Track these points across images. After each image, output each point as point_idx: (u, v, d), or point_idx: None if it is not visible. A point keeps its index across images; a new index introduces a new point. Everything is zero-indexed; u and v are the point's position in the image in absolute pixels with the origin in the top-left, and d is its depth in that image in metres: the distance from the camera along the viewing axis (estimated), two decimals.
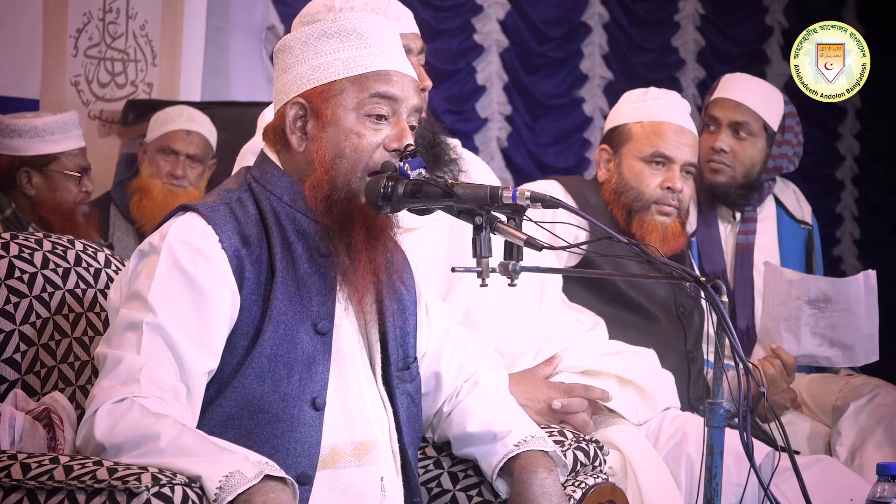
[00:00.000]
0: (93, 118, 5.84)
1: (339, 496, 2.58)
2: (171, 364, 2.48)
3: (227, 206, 2.60)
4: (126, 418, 2.40)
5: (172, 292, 2.52)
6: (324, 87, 2.61)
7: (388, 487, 2.64)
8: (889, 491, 2.58)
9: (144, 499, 2.27)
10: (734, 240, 4.50)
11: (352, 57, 2.61)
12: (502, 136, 7.47)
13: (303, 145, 2.63)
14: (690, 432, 3.61)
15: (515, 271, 2.54)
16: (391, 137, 2.61)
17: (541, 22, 7.60)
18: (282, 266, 2.57)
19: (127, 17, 5.92)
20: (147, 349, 2.47)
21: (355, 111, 2.60)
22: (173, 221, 2.59)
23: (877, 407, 4.22)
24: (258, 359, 2.54)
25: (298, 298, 2.57)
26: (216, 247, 2.55)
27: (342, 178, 2.59)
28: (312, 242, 2.61)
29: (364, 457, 2.62)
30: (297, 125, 2.63)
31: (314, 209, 2.60)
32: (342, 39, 2.62)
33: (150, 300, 2.50)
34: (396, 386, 2.69)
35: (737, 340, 2.39)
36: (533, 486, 2.65)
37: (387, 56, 2.64)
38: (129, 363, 2.46)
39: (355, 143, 2.59)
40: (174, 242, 2.54)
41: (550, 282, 3.67)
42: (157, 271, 2.52)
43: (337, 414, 2.60)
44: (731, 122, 4.42)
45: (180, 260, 2.53)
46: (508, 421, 2.76)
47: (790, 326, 4.15)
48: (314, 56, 2.62)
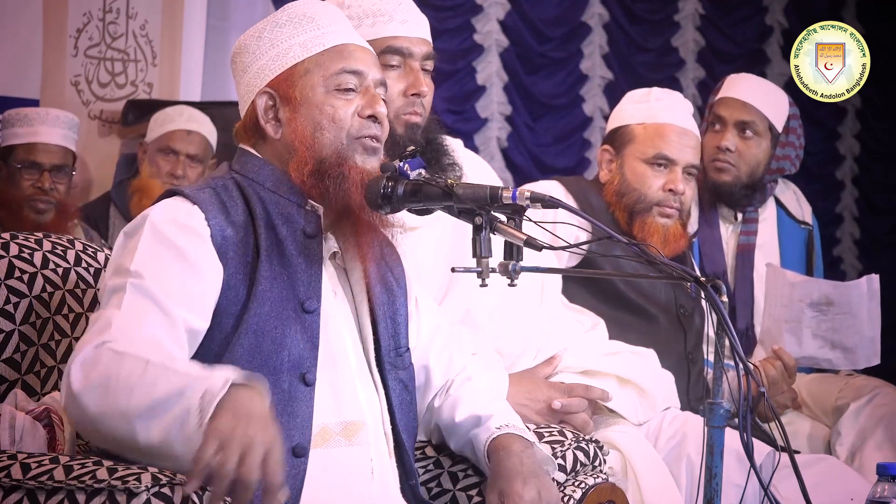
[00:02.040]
0: (93, 118, 5.84)
1: (331, 475, 2.59)
2: (154, 318, 2.47)
3: (213, 190, 2.62)
4: (97, 366, 2.38)
5: (157, 259, 2.52)
6: (287, 72, 2.66)
7: (377, 469, 2.65)
8: (889, 491, 2.58)
9: (144, 499, 2.27)
10: (735, 240, 4.50)
11: (308, 39, 2.67)
12: (502, 136, 7.47)
13: (279, 132, 2.66)
14: (690, 433, 3.61)
15: (515, 271, 2.54)
16: (363, 105, 2.65)
17: (541, 22, 7.60)
18: (266, 246, 2.59)
19: (127, 17, 5.92)
20: (128, 305, 2.46)
21: (323, 86, 2.65)
22: (159, 204, 2.61)
23: (877, 407, 4.22)
24: (245, 336, 2.54)
25: (285, 277, 2.59)
26: (202, 224, 2.56)
27: (328, 148, 2.62)
28: (297, 225, 2.63)
29: (353, 437, 2.63)
30: (269, 115, 2.67)
31: (301, 186, 2.62)
32: (294, 26, 2.68)
33: (134, 267, 2.49)
34: (389, 371, 2.71)
35: (737, 341, 2.39)
36: (507, 459, 2.66)
37: (339, 33, 2.69)
38: (105, 318, 2.46)
39: (331, 115, 2.64)
40: (158, 220, 2.55)
41: (550, 282, 3.67)
42: (140, 244, 2.52)
43: (326, 393, 2.61)
44: (738, 122, 4.42)
45: (165, 233, 2.54)
46: (492, 409, 2.78)
47: (792, 328, 4.15)
48: (271, 47, 2.68)
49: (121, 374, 2.34)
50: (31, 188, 4.91)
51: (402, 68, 3.17)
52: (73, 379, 2.39)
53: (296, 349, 2.58)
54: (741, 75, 4.57)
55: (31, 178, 4.91)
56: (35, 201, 4.90)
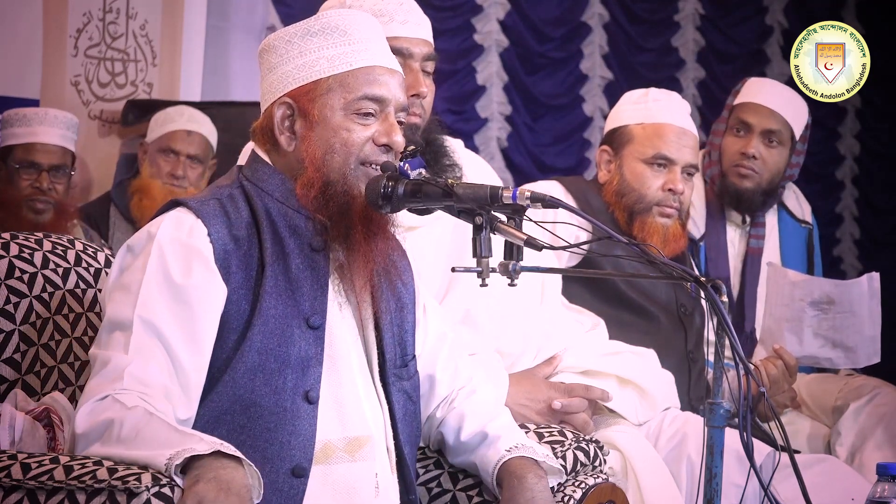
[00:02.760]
0: (93, 118, 5.84)
1: (333, 492, 2.58)
2: (161, 359, 2.49)
3: (218, 202, 2.61)
4: (103, 414, 2.41)
5: (161, 290, 2.52)
6: (310, 86, 2.62)
7: (382, 484, 2.64)
8: (889, 491, 2.58)
9: (144, 499, 2.27)
10: (744, 243, 4.50)
11: (336, 54, 2.63)
12: (502, 136, 7.47)
13: (292, 145, 2.64)
14: (690, 433, 3.60)
15: (515, 271, 2.53)
16: (380, 132, 2.62)
17: (541, 22, 7.60)
18: (272, 261, 2.58)
19: (127, 17, 5.92)
20: (135, 347, 2.47)
21: (343, 111, 2.62)
22: (163, 218, 2.59)
23: (877, 407, 4.22)
24: (248, 353, 2.53)
25: (289, 293, 2.57)
26: (204, 240, 2.55)
27: (335, 172, 2.60)
28: (304, 238, 2.62)
29: (357, 452, 2.61)
30: (285, 125, 2.64)
31: (307, 206, 2.60)
32: (325, 37, 2.63)
33: (141, 300, 2.50)
34: (392, 383, 2.69)
35: (737, 340, 2.39)
36: (521, 493, 2.64)
37: (371, 52, 2.65)
38: (115, 363, 2.47)
39: (344, 139, 2.60)
40: (164, 241, 2.55)
41: (550, 282, 3.67)
42: (147, 269, 2.52)
43: (330, 409, 2.59)
44: (765, 130, 4.43)
45: (168, 259, 2.53)
46: (500, 427, 2.76)
47: (793, 327, 4.15)
48: (298, 55, 2.64)
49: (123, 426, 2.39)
50: (30, 188, 4.91)
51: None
52: (78, 423, 2.44)
53: (299, 367, 2.56)
54: (766, 81, 4.58)
55: (30, 178, 4.92)
56: (33, 201, 4.90)
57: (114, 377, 2.45)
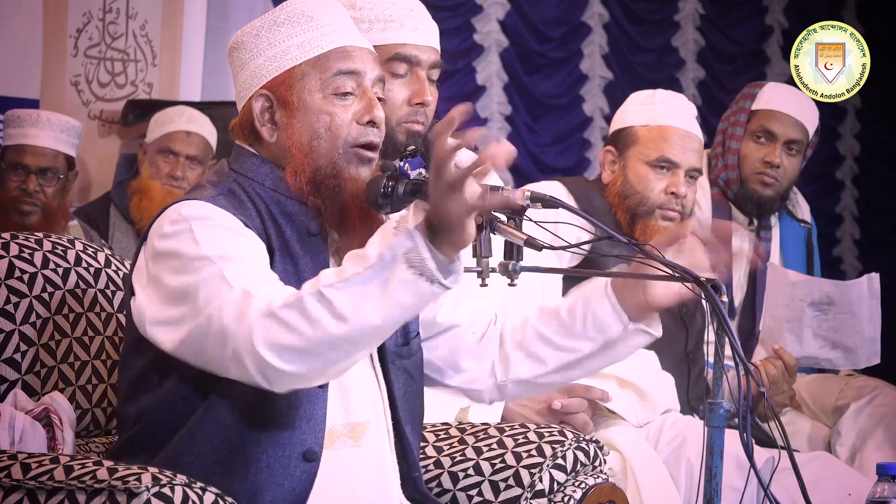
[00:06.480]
0: (93, 118, 5.85)
1: (338, 478, 2.58)
2: (265, 277, 2.45)
3: (224, 196, 2.61)
4: (280, 333, 2.34)
5: (224, 238, 2.48)
6: (284, 75, 2.62)
7: (383, 466, 2.65)
8: (889, 491, 2.58)
9: (144, 499, 2.27)
10: (751, 246, 4.50)
11: (306, 40, 2.63)
12: (502, 136, 7.47)
13: (274, 135, 2.63)
14: (690, 436, 3.60)
15: (515, 271, 2.54)
16: (360, 111, 2.62)
17: (541, 22, 7.61)
18: (278, 246, 2.58)
19: (127, 17, 5.93)
20: (233, 278, 2.41)
21: (321, 92, 2.61)
22: (178, 205, 2.56)
23: (877, 407, 4.23)
24: None
25: (296, 277, 2.57)
26: (231, 217, 2.54)
27: (324, 156, 2.60)
28: (301, 223, 2.62)
29: (360, 438, 2.62)
30: (265, 117, 2.64)
31: (298, 193, 2.60)
32: (293, 25, 2.64)
33: (216, 253, 2.44)
34: (392, 362, 2.69)
35: (737, 341, 2.39)
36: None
37: (339, 33, 2.65)
38: (232, 297, 2.38)
39: (328, 122, 2.60)
40: (198, 214, 2.51)
41: (551, 282, 3.67)
42: (198, 237, 2.47)
43: (335, 394, 2.59)
44: (789, 140, 4.42)
45: (215, 221, 2.49)
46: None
47: (793, 328, 4.15)
48: (268, 47, 2.64)
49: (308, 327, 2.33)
50: (17, 190, 4.92)
51: (408, 77, 3.12)
52: (271, 363, 2.34)
53: None
54: (788, 88, 4.52)
55: (18, 179, 4.93)
56: (19, 203, 4.91)
57: (242, 303, 2.37)
